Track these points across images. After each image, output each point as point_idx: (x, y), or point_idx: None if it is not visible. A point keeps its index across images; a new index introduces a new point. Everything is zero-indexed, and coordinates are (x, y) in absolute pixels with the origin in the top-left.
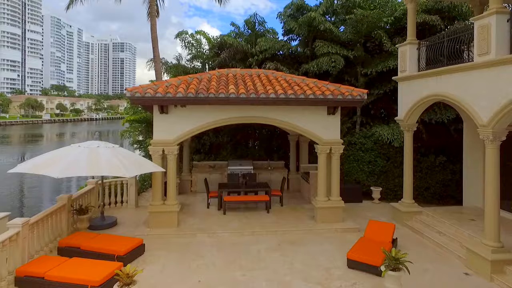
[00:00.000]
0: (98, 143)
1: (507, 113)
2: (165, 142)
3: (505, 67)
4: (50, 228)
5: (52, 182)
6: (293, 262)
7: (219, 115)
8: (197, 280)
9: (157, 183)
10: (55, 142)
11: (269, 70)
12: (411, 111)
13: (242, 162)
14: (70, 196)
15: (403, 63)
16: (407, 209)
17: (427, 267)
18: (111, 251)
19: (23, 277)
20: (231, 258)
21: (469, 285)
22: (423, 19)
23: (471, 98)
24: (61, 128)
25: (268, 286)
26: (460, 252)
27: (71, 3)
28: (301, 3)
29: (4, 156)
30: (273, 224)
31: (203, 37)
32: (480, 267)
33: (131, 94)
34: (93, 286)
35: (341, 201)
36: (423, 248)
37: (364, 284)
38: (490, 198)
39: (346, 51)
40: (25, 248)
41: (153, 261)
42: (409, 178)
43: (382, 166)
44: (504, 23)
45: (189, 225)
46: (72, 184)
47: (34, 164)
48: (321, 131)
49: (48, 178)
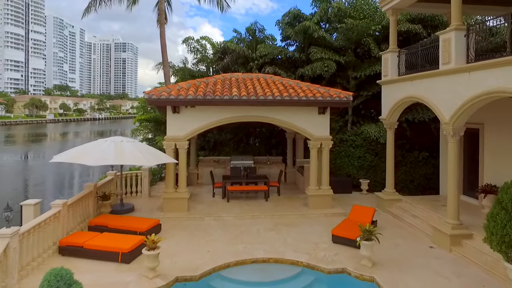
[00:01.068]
0: (122, 138)
1: (463, 113)
2: (177, 137)
3: (461, 75)
4: (81, 210)
5: (53, 180)
6: (287, 238)
7: (224, 114)
8: (206, 251)
9: (170, 173)
10: (60, 141)
11: (268, 74)
12: (392, 111)
13: (243, 157)
14: (95, 184)
15: (386, 68)
16: (389, 197)
17: (399, 242)
18: (134, 228)
19: (65, 246)
20: (234, 235)
21: (431, 256)
22: (407, 28)
23: (437, 100)
24: (65, 127)
25: (265, 254)
26: (428, 231)
27: (86, 12)
28: (298, 12)
29: (10, 154)
30: (270, 209)
31: (207, 43)
32: (442, 241)
33: (149, 96)
34: (124, 252)
35: (330, 189)
36: (398, 229)
37: (344, 254)
38: (451, 184)
39: (338, 56)
40: (64, 225)
41: (169, 237)
42: (390, 170)
43: (370, 161)
44: (462, 38)
45: (197, 210)
46: (74, 182)
47: (71, 156)
48: (313, 128)
49: (49, 176)
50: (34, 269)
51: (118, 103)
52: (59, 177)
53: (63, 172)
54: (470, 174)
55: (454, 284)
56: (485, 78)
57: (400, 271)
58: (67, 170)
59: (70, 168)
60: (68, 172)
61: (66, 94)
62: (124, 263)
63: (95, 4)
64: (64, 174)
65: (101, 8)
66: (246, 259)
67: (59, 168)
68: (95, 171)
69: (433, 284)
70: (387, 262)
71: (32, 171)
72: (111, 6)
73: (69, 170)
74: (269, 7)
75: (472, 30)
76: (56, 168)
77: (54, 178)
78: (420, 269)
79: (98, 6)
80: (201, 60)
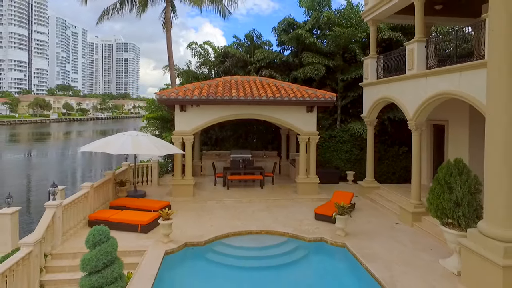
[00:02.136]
0: (137, 132)
1: (422, 111)
2: (184, 132)
3: (421, 79)
4: (103, 193)
5: (57, 176)
6: (277, 217)
7: (224, 112)
8: (210, 225)
9: (178, 163)
10: (65, 140)
11: (263, 77)
12: (371, 110)
13: (242, 151)
14: (114, 172)
15: (366, 72)
16: (369, 185)
17: (372, 220)
18: (148, 207)
19: (93, 220)
20: (233, 214)
21: (396, 229)
22: (389, 35)
23: (405, 100)
24: (68, 127)
25: (258, 228)
26: (397, 211)
27: (100, 20)
28: (292, 20)
29: (14, 152)
30: (265, 195)
31: (209, 47)
32: (406, 218)
33: (160, 96)
34: (142, 224)
35: (317, 178)
36: (373, 210)
37: (323, 227)
38: (414, 170)
39: (328, 60)
40: (91, 203)
41: (178, 216)
42: (370, 162)
43: (356, 155)
44: (422, 48)
45: (201, 196)
46: (77, 177)
47: (96, 146)
48: (302, 125)
49: (53, 174)
50: (71, 236)
51: (120, 103)
52: (61, 175)
53: (73, 167)
54: (437, 162)
55: (408, 248)
56: (437, 82)
57: (367, 240)
58: (72, 167)
59: (75, 164)
60: (70, 169)
61: (69, 94)
62: (143, 233)
63: (107, 13)
64: (72, 169)
65: (113, 16)
66: (242, 231)
67: (72, 163)
68: (97, 169)
69: (392, 249)
70: (358, 234)
71: (50, 165)
72: (123, 15)
73: (71, 167)
74: (270, 7)
75: (430, 42)
76: (70, 163)
77: (69, 171)
78: (384, 239)
79: (111, 15)
80: (204, 63)
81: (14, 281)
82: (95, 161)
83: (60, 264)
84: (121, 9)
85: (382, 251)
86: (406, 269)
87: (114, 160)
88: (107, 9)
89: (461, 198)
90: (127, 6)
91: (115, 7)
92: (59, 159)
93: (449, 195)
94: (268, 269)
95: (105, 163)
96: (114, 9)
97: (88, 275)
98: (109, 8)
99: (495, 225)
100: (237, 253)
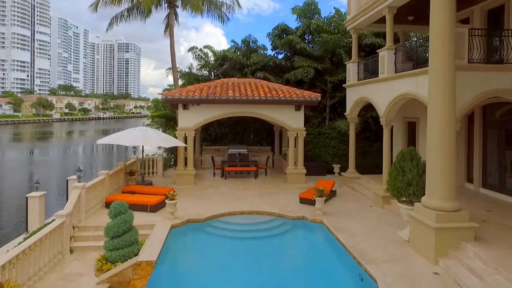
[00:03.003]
0: (146, 128)
1: (390, 109)
2: (186, 128)
3: (390, 82)
4: (116, 180)
5: (60, 174)
6: (267, 201)
7: (222, 110)
8: (209, 206)
9: (181, 155)
10: (73, 138)
11: (258, 79)
12: (352, 108)
13: (239, 146)
14: (124, 163)
15: (349, 75)
16: (350, 175)
17: (349, 204)
18: (155, 192)
19: (109, 201)
20: (229, 199)
21: (368, 211)
22: (371, 41)
23: (377, 100)
24: (71, 126)
25: (250, 209)
26: (372, 197)
27: (109, 27)
28: (285, 26)
29: (21, 149)
30: (258, 184)
31: (209, 51)
32: (377, 202)
33: (165, 96)
34: (151, 204)
35: (304, 169)
36: (352, 196)
37: (306, 209)
38: (385, 160)
39: (317, 64)
40: (107, 188)
41: (181, 200)
42: (352, 155)
43: (343, 150)
44: (392, 55)
45: (202, 184)
46: (93, 168)
47: (111, 139)
48: (290, 121)
49: (56, 171)
50: (91, 214)
51: (121, 102)
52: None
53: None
54: None
55: (374, 223)
56: (401, 85)
57: (341, 218)
58: (83, 161)
59: (85, 159)
60: (81, 163)
61: (71, 94)
62: (152, 212)
63: (116, 20)
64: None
65: (121, 23)
66: (236, 211)
67: (83, 158)
68: (98, 165)
69: (360, 224)
70: (335, 214)
71: (63, 160)
72: (130, 22)
73: (82, 162)
74: (271, 7)
75: (399, 49)
76: (80, 158)
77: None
78: (356, 217)
79: (119, 22)
80: (204, 66)
81: (52, 244)
82: (98, 158)
83: (85, 235)
84: (128, 17)
85: (352, 225)
86: (368, 237)
87: (114, 158)
88: (115, 16)
89: (411, 179)
90: (134, 13)
91: (123, 15)
92: (69, 155)
93: (402, 177)
94: (257, 238)
95: (108, 159)
96: (122, 16)
97: (111, 239)
98: (118, 16)
99: (431, 198)
100: (232, 227)
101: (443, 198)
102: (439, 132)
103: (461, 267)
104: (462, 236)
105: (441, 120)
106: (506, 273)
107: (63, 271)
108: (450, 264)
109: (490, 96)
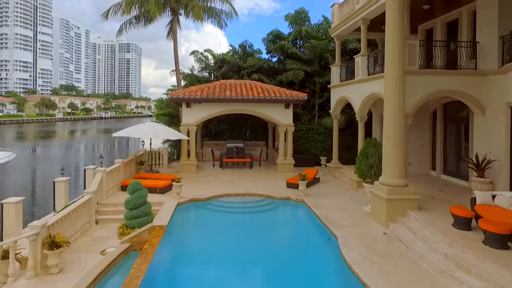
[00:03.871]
0: (154, 123)
1: (363, 106)
2: (189, 124)
3: (364, 83)
4: (128, 168)
5: (71, 166)
6: (259, 186)
7: (220, 108)
8: (208, 189)
9: (184, 147)
10: (74, 138)
11: (253, 81)
12: (335, 106)
13: (236, 141)
14: (135, 153)
15: (332, 77)
16: (334, 165)
17: (329, 188)
18: (163, 178)
19: (124, 185)
20: (226, 184)
21: (344, 193)
22: (354, 46)
23: (354, 99)
24: (74, 125)
25: (244, 191)
26: (349, 182)
27: (119, 33)
28: (278, 32)
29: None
30: (252, 173)
31: (209, 54)
32: (353, 186)
33: (170, 96)
34: (160, 187)
35: (293, 160)
36: (333, 183)
37: (291, 192)
38: (360, 151)
39: (307, 66)
40: (121, 174)
41: (185, 185)
42: (335, 148)
43: (329, 144)
44: (365, 60)
45: (202, 173)
46: (81, 168)
47: (125, 132)
48: (281, 118)
49: (67, 164)
50: (110, 195)
51: (123, 102)
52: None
53: (93, 156)
54: None
55: (347, 202)
56: (371, 86)
57: (320, 198)
58: (92, 156)
59: (94, 154)
60: (78, 161)
61: (72, 94)
62: (160, 194)
63: (125, 27)
64: (94, 157)
65: (130, 29)
66: (232, 193)
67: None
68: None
69: (334, 202)
70: (315, 195)
71: (75, 154)
72: (138, 28)
73: (92, 157)
74: (272, 7)
75: (370, 55)
76: (88, 153)
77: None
78: (333, 198)
79: (128, 28)
80: (204, 68)
81: (82, 214)
82: (102, 153)
83: (107, 210)
84: (136, 23)
85: (328, 203)
86: (338, 211)
87: (116, 155)
88: (124, 23)
89: (373, 163)
90: (141, 20)
91: (131, 22)
92: (78, 150)
93: (366, 161)
94: (248, 213)
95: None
96: (130, 23)
97: (130, 210)
98: (126, 23)
99: (385, 177)
100: (228, 205)
101: (394, 176)
102: (391, 125)
103: (404, 228)
104: (408, 205)
105: (393, 115)
106: (432, 229)
107: (92, 236)
108: (396, 226)
109: (438, 95)
